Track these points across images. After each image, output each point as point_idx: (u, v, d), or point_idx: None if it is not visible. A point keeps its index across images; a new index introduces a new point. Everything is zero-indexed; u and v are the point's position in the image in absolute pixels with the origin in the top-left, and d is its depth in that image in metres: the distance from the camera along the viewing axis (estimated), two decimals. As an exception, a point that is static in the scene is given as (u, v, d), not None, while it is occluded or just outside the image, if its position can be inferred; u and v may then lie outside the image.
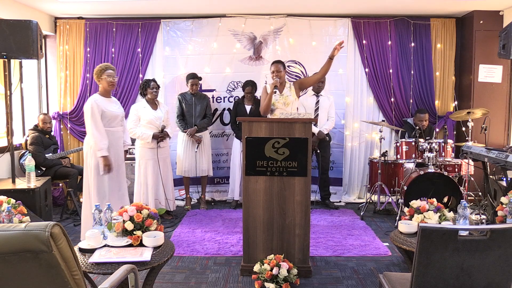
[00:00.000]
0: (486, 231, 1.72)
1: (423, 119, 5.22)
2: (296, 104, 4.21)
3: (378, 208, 5.08)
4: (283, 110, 4.05)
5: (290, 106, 4.11)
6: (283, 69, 4.16)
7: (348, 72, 5.70)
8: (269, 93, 4.06)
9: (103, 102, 3.76)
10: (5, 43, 3.80)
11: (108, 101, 3.83)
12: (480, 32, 5.36)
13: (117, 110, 3.86)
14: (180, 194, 5.68)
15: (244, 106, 5.21)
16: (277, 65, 4.15)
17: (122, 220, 2.60)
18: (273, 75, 4.12)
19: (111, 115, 3.77)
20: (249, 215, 3.26)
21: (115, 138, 3.84)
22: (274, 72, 4.11)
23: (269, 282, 3.00)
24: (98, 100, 3.75)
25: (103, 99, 3.79)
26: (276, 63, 4.19)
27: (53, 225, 1.41)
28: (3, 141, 4.95)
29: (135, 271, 1.94)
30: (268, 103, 4.07)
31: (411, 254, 2.78)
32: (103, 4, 5.16)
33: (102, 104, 3.74)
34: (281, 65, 4.15)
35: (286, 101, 4.09)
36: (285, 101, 4.09)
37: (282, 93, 4.12)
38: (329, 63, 4.00)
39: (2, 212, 2.65)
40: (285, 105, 4.09)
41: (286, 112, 3.86)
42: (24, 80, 5.46)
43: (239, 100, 5.36)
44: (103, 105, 3.74)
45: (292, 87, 4.15)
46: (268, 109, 4.10)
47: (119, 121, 3.89)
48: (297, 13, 5.61)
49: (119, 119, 3.89)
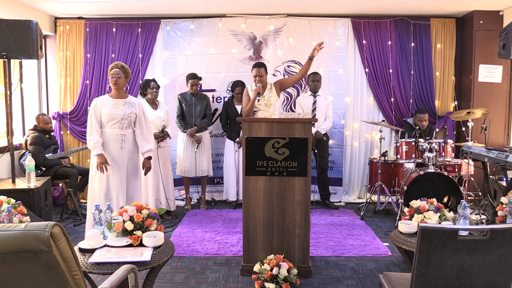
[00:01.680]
0: (486, 231, 1.72)
1: (423, 119, 5.23)
2: (278, 104, 4.21)
3: (378, 208, 5.08)
4: (265, 111, 4.07)
5: (272, 107, 4.10)
6: (265, 73, 4.12)
7: (348, 72, 5.69)
8: (252, 98, 4.04)
9: (106, 102, 3.72)
10: (5, 43, 3.81)
11: (114, 102, 3.73)
12: (480, 32, 5.36)
13: (118, 112, 3.70)
14: (180, 194, 5.68)
15: (234, 107, 5.22)
16: (259, 69, 4.05)
17: (122, 220, 2.60)
18: (255, 79, 4.05)
19: (108, 116, 3.69)
20: (249, 215, 3.26)
21: (108, 140, 3.71)
22: (257, 77, 4.04)
23: (269, 282, 3.00)
24: (101, 100, 3.73)
25: (108, 99, 3.74)
26: (257, 67, 4.08)
27: (53, 225, 1.41)
28: (3, 141, 4.95)
29: (135, 271, 1.94)
30: (250, 108, 4.07)
31: (411, 254, 2.78)
32: (103, 4, 5.16)
33: (104, 104, 3.71)
34: (263, 69, 4.10)
35: (268, 102, 4.08)
36: (267, 103, 4.08)
37: (263, 94, 4.09)
38: (308, 64, 4.00)
39: (2, 212, 2.65)
40: (267, 106, 4.09)
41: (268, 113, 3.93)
42: (24, 80, 5.46)
43: (228, 100, 5.36)
44: (103, 106, 3.70)
45: (273, 87, 4.13)
46: (250, 114, 4.11)
47: (119, 123, 3.71)
48: (297, 13, 5.61)
49: (118, 121, 3.71)
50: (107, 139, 3.71)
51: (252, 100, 4.05)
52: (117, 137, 3.74)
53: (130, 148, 3.81)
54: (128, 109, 3.76)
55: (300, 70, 4.17)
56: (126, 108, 3.75)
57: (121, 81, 3.71)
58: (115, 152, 3.74)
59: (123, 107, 3.74)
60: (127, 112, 3.74)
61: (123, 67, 3.73)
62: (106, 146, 3.71)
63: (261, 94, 4.06)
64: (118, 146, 3.75)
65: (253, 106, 4.06)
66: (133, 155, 3.84)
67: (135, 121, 3.81)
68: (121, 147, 3.76)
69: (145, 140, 3.85)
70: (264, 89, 4.11)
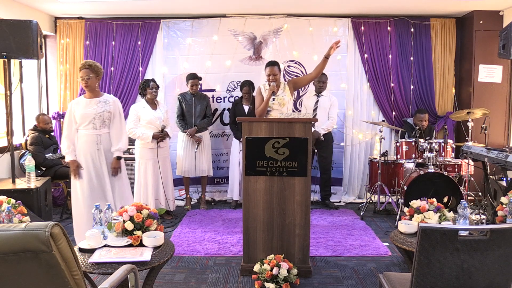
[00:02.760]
0: (486, 231, 1.72)
1: (422, 119, 5.23)
2: (291, 103, 4.17)
3: (378, 208, 5.08)
4: (279, 110, 3.98)
5: (286, 106, 4.05)
6: (279, 71, 3.98)
7: (348, 72, 5.69)
8: (266, 98, 3.92)
9: (80, 103, 3.63)
10: (5, 43, 3.81)
11: (88, 102, 3.62)
12: (480, 32, 5.36)
13: (89, 111, 3.58)
14: (180, 194, 5.68)
15: (242, 106, 5.22)
16: (272, 68, 3.93)
17: (122, 220, 2.60)
18: (269, 78, 3.93)
19: (80, 117, 3.58)
20: (249, 215, 3.26)
21: (83, 142, 3.63)
22: (270, 76, 3.92)
23: (269, 282, 3.00)
24: (76, 102, 3.66)
25: (83, 100, 3.65)
26: (271, 66, 3.95)
27: (53, 225, 1.41)
28: (3, 141, 4.95)
29: (135, 271, 1.94)
30: (264, 108, 3.94)
31: (411, 254, 2.78)
32: (103, 4, 5.16)
33: (78, 105, 3.62)
34: (277, 68, 3.96)
35: (281, 101, 4.00)
36: (281, 102, 4.00)
37: (277, 94, 3.99)
38: (324, 62, 3.90)
39: (2, 212, 2.65)
40: (281, 106, 4.03)
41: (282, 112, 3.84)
42: (24, 80, 5.46)
43: (237, 100, 5.36)
44: (77, 107, 3.61)
45: (287, 87, 4.04)
46: (264, 114, 4.01)
47: (92, 123, 3.59)
48: (297, 13, 5.61)
49: (91, 120, 3.59)
50: (83, 141, 3.64)
51: (266, 100, 3.93)
52: (92, 138, 3.64)
53: (107, 148, 3.69)
54: (101, 108, 3.62)
55: (315, 69, 4.00)
56: (99, 107, 3.61)
57: (92, 81, 3.58)
58: (92, 153, 3.65)
59: (95, 106, 3.61)
60: (99, 111, 3.60)
61: (91, 65, 3.58)
62: (82, 148, 3.64)
63: (275, 93, 3.94)
64: (95, 148, 3.65)
65: (267, 106, 3.93)
66: (112, 155, 3.72)
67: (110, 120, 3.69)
68: (97, 148, 3.65)
69: (117, 139, 3.71)
70: (278, 88, 3.98)
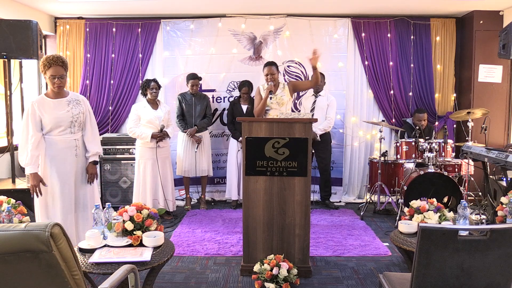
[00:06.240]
0: (486, 231, 1.72)
1: (421, 119, 5.23)
2: (290, 104, 4.20)
3: (378, 208, 5.08)
4: (278, 110, 4.04)
5: (285, 106, 4.09)
6: (277, 71, 4.11)
7: (348, 72, 5.69)
8: (264, 97, 4.01)
9: (46, 104, 3.09)
10: (5, 43, 3.82)
11: (56, 103, 3.11)
12: (480, 32, 5.36)
13: (64, 115, 3.11)
14: (180, 194, 5.67)
15: (240, 106, 5.22)
16: (270, 67, 4.07)
17: (122, 220, 2.60)
18: (267, 78, 4.06)
19: (53, 121, 3.07)
20: (249, 215, 3.26)
21: (59, 149, 3.13)
22: (268, 76, 4.04)
23: (269, 282, 3.00)
24: (39, 103, 3.07)
25: (48, 101, 3.10)
26: (269, 66, 4.09)
27: (53, 225, 1.41)
28: (3, 141, 4.94)
29: (135, 271, 1.94)
30: (262, 107, 4.03)
31: (411, 254, 2.78)
32: (103, 4, 5.15)
33: (43, 107, 3.07)
34: (275, 67, 4.09)
35: (280, 101, 4.06)
36: (280, 101, 4.05)
37: (275, 93, 4.08)
38: (315, 73, 4.05)
39: (2, 212, 2.65)
40: (280, 105, 4.07)
41: (280, 112, 3.87)
42: (24, 80, 5.46)
43: (235, 100, 5.36)
44: (44, 109, 3.07)
45: (286, 87, 4.11)
46: (262, 113, 4.07)
47: (69, 128, 3.14)
48: (297, 13, 5.61)
49: (68, 125, 3.13)
50: (58, 148, 3.12)
51: (264, 99, 4.01)
52: (70, 143, 3.16)
53: (83, 153, 3.28)
54: (75, 109, 3.17)
55: (311, 80, 4.22)
56: (73, 108, 3.16)
57: (65, 81, 3.14)
58: (68, 161, 3.17)
59: (68, 108, 3.14)
60: (75, 112, 3.16)
61: (64, 62, 3.10)
62: (57, 156, 3.13)
63: (273, 92, 4.03)
64: (73, 154, 3.18)
65: (265, 105, 4.02)
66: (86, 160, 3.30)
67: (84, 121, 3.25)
68: (75, 154, 3.20)
69: (92, 142, 3.28)
70: (276, 88, 4.08)
